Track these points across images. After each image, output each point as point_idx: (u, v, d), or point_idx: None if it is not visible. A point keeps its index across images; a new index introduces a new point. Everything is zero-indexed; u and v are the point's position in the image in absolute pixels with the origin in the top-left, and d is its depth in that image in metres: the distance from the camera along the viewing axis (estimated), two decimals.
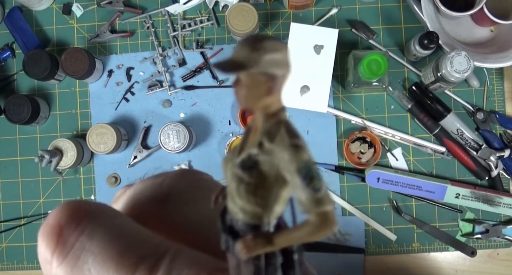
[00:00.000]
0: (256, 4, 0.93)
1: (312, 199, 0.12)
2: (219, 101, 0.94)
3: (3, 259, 0.96)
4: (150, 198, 0.18)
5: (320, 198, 0.12)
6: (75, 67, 0.88)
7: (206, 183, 0.19)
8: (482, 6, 0.81)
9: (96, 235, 0.16)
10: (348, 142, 0.90)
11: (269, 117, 0.13)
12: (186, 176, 0.19)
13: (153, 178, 0.19)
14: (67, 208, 0.17)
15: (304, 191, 0.12)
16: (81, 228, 0.16)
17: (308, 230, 0.12)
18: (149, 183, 0.19)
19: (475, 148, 0.89)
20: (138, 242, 0.16)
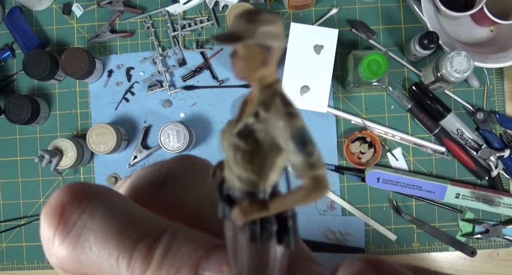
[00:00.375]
0: (256, 4, 0.93)
1: (305, 163, 0.13)
2: (219, 101, 0.94)
3: (3, 259, 0.96)
4: (149, 182, 0.19)
5: (313, 162, 0.13)
6: (75, 67, 0.88)
7: (202, 166, 0.20)
8: (482, 6, 0.81)
9: (97, 213, 0.16)
10: (348, 142, 0.90)
11: (264, 88, 0.14)
12: (183, 161, 0.20)
13: (153, 165, 0.20)
14: (69, 188, 0.17)
15: (298, 156, 0.13)
16: (82, 206, 0.17)
17: (302, 194, 0.13)
18: (149, 170, 0.20)
19: (475, 148, 0.89)
20: (138, 221, 0.17)
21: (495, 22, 0.84)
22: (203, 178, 0.18)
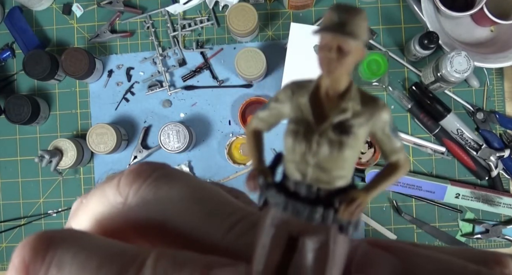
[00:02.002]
0: (256, 4, 0.93)
1: (400, 147, 0.14)
2: (219, 101, 0.94)
3: (3, 259, 0.96)
4: (110, 206, 0.18)
5: (402, 145, 0.15)
6: (75, 67, 0.88)
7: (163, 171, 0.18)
8: (482, 6, 0.81)
9: (66, 261, 0.15)
10: None
11: (348, 84, 0.14)
12: (139, 171, 0.18)
13: (109, 181, 0.18)
14: (28, 243, 0.16)
15: (395, 141, 0.14)
16: (48, 259, 0.15)
17: (399, 172, 0.15)
18: (106, 188, 0.18)
19: (475, 148, 0.89)
20: (113, 255, 0.15)
21: (495, 22, 0.84)
22: (168, 183, 0.17)
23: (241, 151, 0.92)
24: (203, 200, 0.17)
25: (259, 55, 0.86)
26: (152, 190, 0.17)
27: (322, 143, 0.13)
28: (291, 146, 0.14)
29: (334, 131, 0.13)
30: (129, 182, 0.17)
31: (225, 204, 0.17)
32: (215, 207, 0.17)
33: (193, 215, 0.16)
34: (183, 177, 0.18)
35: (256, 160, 0.15)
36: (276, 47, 0.94)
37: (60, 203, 0.95)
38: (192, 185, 0.17)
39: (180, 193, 0.17)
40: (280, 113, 0.15)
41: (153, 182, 0.17)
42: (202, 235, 0.16)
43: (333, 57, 0.13)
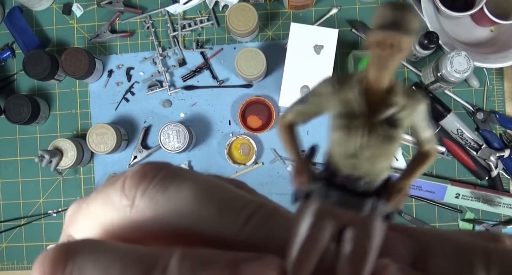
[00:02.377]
0: (256, 4, 0.93)
1: (432, 136, 0.15)
2: (219, 101, 0.94)
3: (3, 259, 0.96)
4: (116, 210, 0.17)
5: (433, 134, 0.16)
6: (75, 67, 0.88)
7: (169, 169, 0.18)
8: (482, 6, 0.81)
9: (87, 269, 0.15)
10: None
11: (391, 79, 0.14)
12: (144, 171, 0.17)
13: (111, 184, 0.18)
14: (47, 256, 0.15)
15: (429, 131, 0.15)
16: (68, 269, 0.15)
17: (430, 160, 0.15)
18: (109, 191, 0.17)
19: (475, 148, 0.89)
20: (134, 258, 0.15)
21: (495, 22, 0.84)
22: (176, 182, 0.17)
23: (241, 151, 0.92)
24: (213, 196, 0.16)
25: (259, 55, 0.86)
26: (160, 190, 0.16)
27: (375, 137, 0.14)
28: (343, 140, 0.14)
29: (385, 125, 0.14)
30: (135, 183, 0.17)
31: (235, 198, 0.17)
32: (227, 202, 0.16)
33: (206, 212, 0.16)
34: (189, 175, 0.17)
35: (297, 154, 0.15)
36: (276, 47, 0.94)
37: (60, 203, 0.95)
38: (200, 181, 0.17)
39: (190, 191, 0.16)
40: (319, 108, 0.15)
41: (160, 182, 0.17)
42: (218, 233, 0.16)
43: (389, 54, 0.13)
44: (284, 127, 0.16)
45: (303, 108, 0.15)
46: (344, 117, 0.14)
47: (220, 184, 0.17)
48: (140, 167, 0.17)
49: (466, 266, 0.14)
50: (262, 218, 0.16)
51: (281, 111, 0.93)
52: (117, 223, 0.17)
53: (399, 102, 0.14)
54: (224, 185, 0.17)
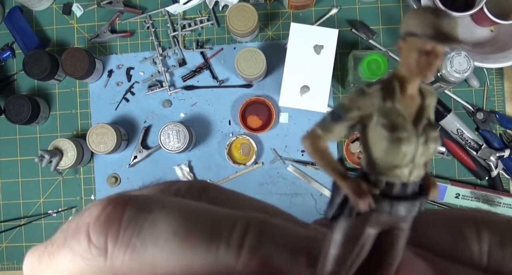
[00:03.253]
0: (256, 4, 0.93)
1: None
2: (219, 101, 0.94)
3: (3, 259, 0.96)
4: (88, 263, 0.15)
5: None
6: (75, 67, 0.88)
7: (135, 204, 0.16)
8: (482, 6, 0.81)
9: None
10: (348, 142, 0.90)
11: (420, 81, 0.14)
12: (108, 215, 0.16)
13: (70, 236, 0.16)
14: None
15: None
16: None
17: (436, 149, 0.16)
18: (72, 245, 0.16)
19: (475, 148, 0.89)
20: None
21: (495, 22, 0.84)
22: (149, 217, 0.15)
23: (241, 151, 0.92)
24: (195, 225, 0.15)
25: (259, 55, 0.86)
26: (134, 232, 0.14)
27: (428, 142, 0.14)
28: (400, 151, 0.14)
29: (428, 128, 0.14)
30: (102, 230, 0.15)
31: (219, 220, 0.15)
32: (212, 228, 0.15)
33: (193, 247, 0.14)
34: (158, 204, 0.15)
35: (343, 173, 0.14)
36: (276, 47, 0.94)
37: (60, 203, 0.95)
38: (174, 210, 0.15)
39: (167, 225, 0.15)
40: (358, 122, 0.14)
41: (131, 223, 0.15)
42: (213, 266, 0.14)
43: (436, 62, 0.13)
44: (316, 147, 0.15)
45: (339, 125, 0.14)
46: (392, 129, 0.14)
47: (196, 207, 0.15)
48: (99, 207, 0.15)
49: (459, 234, 0.15)
50: (255, 238, 0.14)
51: (281, 111, 0.93)
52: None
53: (428, 103, 0.14)
54: (199, 207, 0.15)
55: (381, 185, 0.14)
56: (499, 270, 0.14)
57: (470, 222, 0.15)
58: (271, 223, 0.15)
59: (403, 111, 0.14)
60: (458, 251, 0.15)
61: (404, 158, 0.14)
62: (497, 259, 0.15)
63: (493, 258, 0.15)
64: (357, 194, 0.14)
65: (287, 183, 0.93)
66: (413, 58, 0.13)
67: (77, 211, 0.95)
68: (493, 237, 0.15)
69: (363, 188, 0.14)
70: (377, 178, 0.14)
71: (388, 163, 0.14)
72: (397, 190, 0.14)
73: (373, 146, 0.14)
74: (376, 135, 0.14)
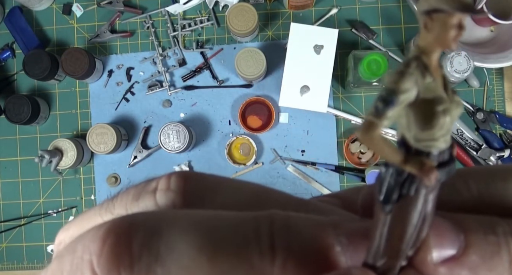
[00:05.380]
0: (256, 4, 0.93)
1: None
2: (219, 101, 0.94)
3: (3, 259, 0.96)
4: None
5: None
6: (75, 67, 0.88)
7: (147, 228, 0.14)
8: (482, 6, 0.81)
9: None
10: (348, 142, 0.90)
11: None
12: (113, 242, 0.14)
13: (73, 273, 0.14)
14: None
15: None
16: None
17: None
18: None
19: (475, 148, 0.89)
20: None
21: (495, 22, 0.84)
22: (164, 241, 0.14)
23: (241, 151, 0.92)
24: (217, 236, 0.14)
25: (259, 55, 0.86)
26: (151, 258, 0.13)
27: (458, 107, 0.15)
28: (441, 122, 0.14)
29: (453, 94, 0.15)
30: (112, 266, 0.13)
31: (239, 223, 0.14)
32: (236, 236, 0.14)
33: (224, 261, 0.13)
34: (167, 222, 0.14)
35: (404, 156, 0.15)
36: (276, 47, 0.94)
37: (60, 203, 0.95)
38: (187, 223, 0.14)
39: (187, 244, 0.13)
40: (406, 103, 0.15)
41: (144, 249, 0.13)
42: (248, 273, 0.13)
43: (461, 33, 0.14)
44: (376, 137, 0.15)
45: (394, 110, 0.14)
46: (433, 103, 0.14)
47: (209, 217, 0.14)
48: (99, 241, 0.13)
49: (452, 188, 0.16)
50: (284, 237, 0.14)
51: (281, 111, 0.93)
52: None
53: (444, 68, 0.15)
54: (213, 215, 0.14)
55: (432, 156, 0.15)
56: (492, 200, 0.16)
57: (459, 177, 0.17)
58: (292, 217, 0.14)
59: (440, 85, 0.15)
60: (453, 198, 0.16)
61: (442, 127, 0.15)
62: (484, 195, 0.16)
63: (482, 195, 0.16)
64: (424, 170, 0.14)
65: (287, 183, 0.93)
66: (443, 31, 0.14)
67: (77, 211, 0.95)
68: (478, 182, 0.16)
69: (428, 163, 0.14)
70: (424, 150, 0.15)
71: (429, 135, 0.15)
72: (441, 158, 0.15)
73: (414, 121, 0.15)
74: (419, 111, 0.14)
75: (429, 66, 0.14)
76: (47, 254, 0.95)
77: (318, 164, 0.92)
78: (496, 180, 0.16)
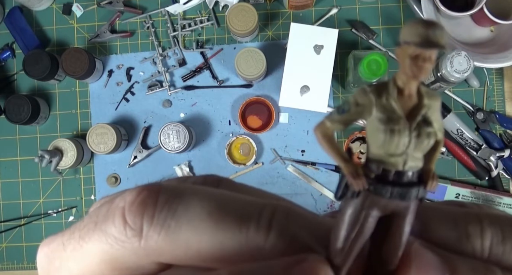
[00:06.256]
0: (256, 4, 0.93)
1: (442, 125, 0.17)
2: (219, 101, 0.94)
3: (3, 259, 0.96)
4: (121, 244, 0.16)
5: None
6: (75, 67, 0.88)
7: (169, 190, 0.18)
8: (482, 6, 0.81)
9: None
10: (348, 142, 0.90)
11: (418, 84, 0.17)
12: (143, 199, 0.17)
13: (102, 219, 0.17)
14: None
15: (441, 121, 0.17)
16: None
17: (441, 146, 0.17)
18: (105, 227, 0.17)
19: (475, 148, 0.89)
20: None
21: (495, 22, 0.84)
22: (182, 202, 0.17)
23: (241, 151, 0.92)
24: (226, 208, 0.16)
25: (259, 55, 0.86)
26: (169, 214, 0.16)
27: (421, 136, 0.16)
28: (388, 142, 0.16)
29: (423, 124, 0.16)
30: (138, 212, 0.16)
31: (248, 205, 0.16)
32: (242, 212, 0.16)
33: (225, 227, 0.16)
34: (190, 191, 0.16)
35: (345, 159, 0.17)
36: (276, 47, 0.94)
37: (60, 203, 0.95)
38: (205, 196, 0.16)
39: (200, 208, 0.16)
40: (359, 116, 0.17)
41: (166, 205, 0.16)
42: (243, 246, 0.15)
43: (424, 66, 0.16)
44: (325, 135, 0.17)
45: (344, 117, 0.17)
46: (386, 122, 0.16)
47: (225, 194, 0.17)
48: (134, 193, 0.16)
49: (463, 231, 0.16)
50: (282, 221, 0.16)
51: (281, 111, 0.93)
52: (126, 256, 0.16)
53: (426, 104, 0.16)
54: (228, 194, 0.17)
55: (378, 171, 0.16)
56: (498, 263, 0.16)
57: (475, 219, 0.16)
58: (295, 210, 0.17)
59: (397, 107, 0.16)
60: (461, 245, 0.16)
61: (397, 147, 0.16)
62: (497, 253, 0.16)
63: (493, 252, 0.16)
64: (353, 175, 0.16)
65: (287, 183, 0.93)
66: (407, 62, 0.16)
67: (77, 211, 0.95)
68: (494, 233, 0.16)
69: (359, 171, 0.16)
70: (375, 165, 0.16)
71: (384, 152, 0.16)
72: (392, 177, 0.16)
73: (372, 136, 0.16)
74: (374, 127, 0.16)
75: (389, 90, 0.16)
76: None
77: (318, 164, 0.92)
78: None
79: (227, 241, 0.15)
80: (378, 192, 0.16)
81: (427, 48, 0.15)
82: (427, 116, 0.16)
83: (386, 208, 0.16)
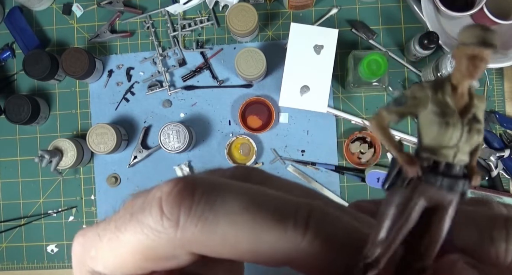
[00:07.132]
0: (256, 4, 0.93)
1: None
2: (219, 101, 0.94)
3: (3, 259, 0.96)
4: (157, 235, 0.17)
5: None
6: (75, 67, 0.88)
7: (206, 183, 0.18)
8: (482, 6, 0.81)
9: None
10: (348, 142, 0.90)
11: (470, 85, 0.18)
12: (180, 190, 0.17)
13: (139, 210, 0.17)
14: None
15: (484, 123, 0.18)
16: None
17: (481, 148, 0.18)
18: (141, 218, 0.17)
19: None
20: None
21: (495, 22, 0.84)
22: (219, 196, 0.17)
23: (241, 151, 0.92)
24: (263, 204, 0.16)
25: (259, 55, 0.86)
26: (206, 206, 0.16)
27: (472, 131, 0.17)
28: (441, 135, 0.17)
29: (474, 121, 0.17)
30: (176, 203, 0.16)
31: (285, 203, 0.16)
32: (279, 209, 0.16)
33: (262, 223, 0.16)
34: (227, 185, 0.17)
35: (399, 148, 0.17)
36: (276, 47, 0.94)
37: (60, 203, 0.95)
38: (242, 191, 0.16)
39: (237, 202, 0.16)
40: (415, 108, 0.17)
41: (203, 198, 0.16)
42: (281, 242, 0.16)
43: (481, 65, 0.17)
44: (380, 125, 0.18)
45: (400, 109, 0.18)
46: (442, 115, 0.17)
47: (260, 190, 0.17)
48: (171, 185, 0.17)
49: (488, 235, 0.16)
50: (318, 220, 0.16)
51: (281, 111, 0.93)
52: (161, 247, 0.16)
53: (476, 104, 0.17)
54: (263, 190, 0.17)
55: (429, 161, 0.17)
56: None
57: (501, 223, 0.17)
58: (330, 212, 0.17)
59: (451, 103, 0.17)
60: (484, 249, 0.16)
61: (450, 140, 0.17)
62: None
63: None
64: (408, 162, 0.17)
65: None
66: (464, 62, 0.17)
67: (77, 211, 0.95)
68: None
69: (414, 158, 0.17)
70: (426, 156, 0.17)
71: (437, 143, 0.17)
72: (443, 168, 0.17)
73: (426, 129, 0.17)
74: (428, 120, 0.17)
75: (444, 87, 0.17)
76: (47, 254, 0.95)
77: (318, 164, 0.92)
78: None
79: (264, 236, 0.16)
80: (429, 180, 0.16)
81: (484, 48, 0.16)
82: (477, 116, 0.17)
83: (432, 199, 0.17)
